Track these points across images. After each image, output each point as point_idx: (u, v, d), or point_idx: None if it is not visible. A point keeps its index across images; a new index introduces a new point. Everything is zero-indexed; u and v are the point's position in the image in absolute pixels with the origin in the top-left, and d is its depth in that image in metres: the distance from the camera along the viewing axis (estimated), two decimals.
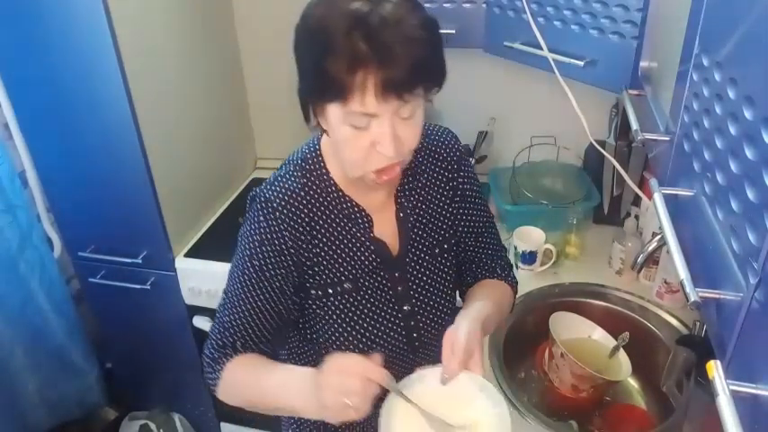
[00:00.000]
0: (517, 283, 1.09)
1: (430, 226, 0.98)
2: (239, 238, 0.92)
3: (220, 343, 0.91)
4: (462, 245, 1.04)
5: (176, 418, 2.02)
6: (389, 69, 0.71)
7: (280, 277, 0.90)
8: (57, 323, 1.77)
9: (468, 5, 1.46)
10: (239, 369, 0.90)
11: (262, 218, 0.88)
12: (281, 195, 0.89)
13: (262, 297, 0.90)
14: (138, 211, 1.63)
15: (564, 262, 1.63)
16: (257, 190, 0.91)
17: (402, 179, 0.95)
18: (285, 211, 0.88)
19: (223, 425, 2.05)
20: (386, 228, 0.95)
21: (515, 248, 1.57)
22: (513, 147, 1.83)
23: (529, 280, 1.55)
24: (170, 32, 1.63)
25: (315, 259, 0.91)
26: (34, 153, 1.64)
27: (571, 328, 1.35)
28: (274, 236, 0.88)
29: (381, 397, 0.78)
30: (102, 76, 1.43)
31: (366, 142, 0.77)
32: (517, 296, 1.10)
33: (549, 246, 1.57)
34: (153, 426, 1.96)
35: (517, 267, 1.58)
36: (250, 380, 0.89)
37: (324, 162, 0.91)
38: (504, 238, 1.67)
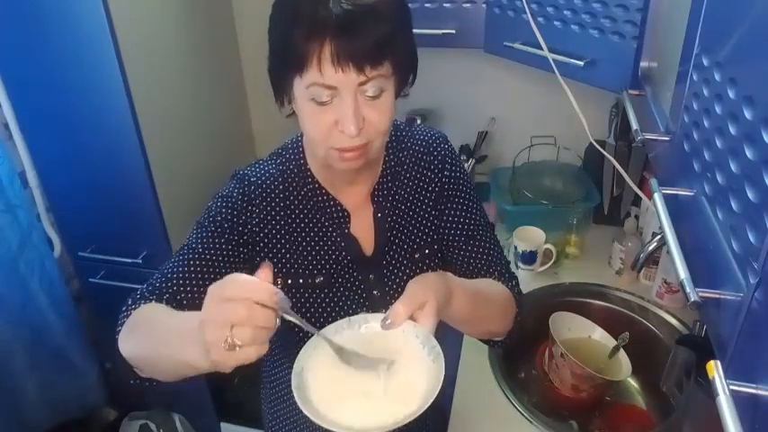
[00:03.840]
0: (520, 293, 0.98)
1: (410, 228, 0.95)
2: (209, 203, 0.90)
3: (151, 288, 0.84)
4: (453, 248, 0.97)
5: (176, 418, 2.01)
6: (347, 38, 0.69)
7: (233, 243, 0.87)
8: (57, 323, 1.77)
9: (468, 5, 1.45)
10: (151, 309, 0.79)
11: (236, 190, 0.89)
12: (257, 174, 0.91)
13: (212, 251, 0.85)
14: (138, 211, 1.63)
15: (564, 262, 1.63)
16: (237, 169, 0.93)
17: (380, 179, 0.93)
18: (259, 191, 0.89)
19: (223, 425, 2.05)
20: (363, 227, 0.93)
21: (515, 248, 1.57)
22: (513, 147, 1.83)
23: (529, 280, 1.55)
24: (170, 32, 1.63)
25: (287, 246, 0.90)
26: (34, 153, 1.64)
27: (571, 328, 1.35)
28: (243, 206, 0.88)
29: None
30: (102, 76, 1.43)
31: (329, 120, 0.75)
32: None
33: (549, 246, 1.57)
34: (153, 426, 1.96)
35: (517, 267, 1.58)
36: (154, 318, 0.77)
37: (303, 153, 0.92)
38: (504, 238, 1.69)
